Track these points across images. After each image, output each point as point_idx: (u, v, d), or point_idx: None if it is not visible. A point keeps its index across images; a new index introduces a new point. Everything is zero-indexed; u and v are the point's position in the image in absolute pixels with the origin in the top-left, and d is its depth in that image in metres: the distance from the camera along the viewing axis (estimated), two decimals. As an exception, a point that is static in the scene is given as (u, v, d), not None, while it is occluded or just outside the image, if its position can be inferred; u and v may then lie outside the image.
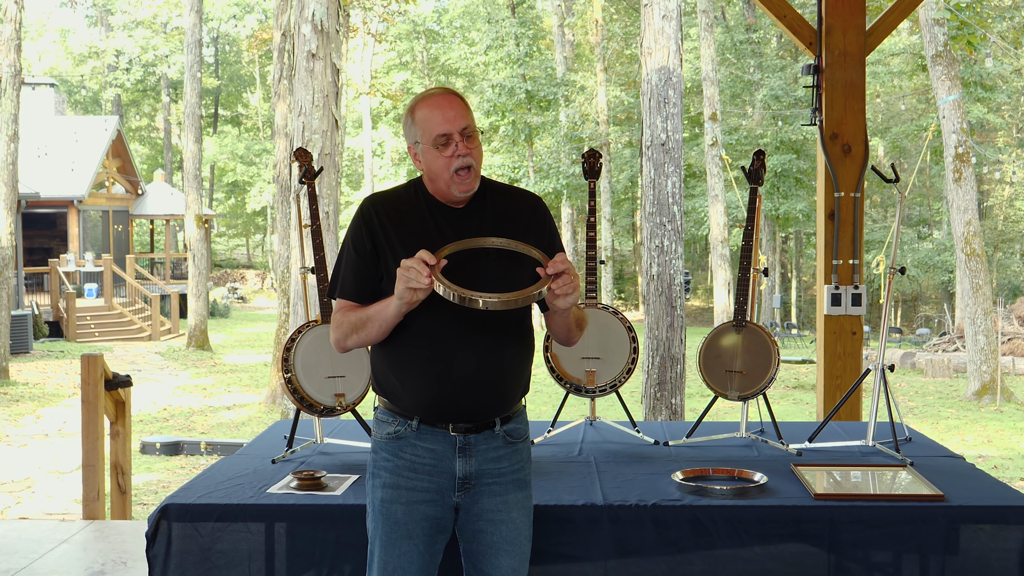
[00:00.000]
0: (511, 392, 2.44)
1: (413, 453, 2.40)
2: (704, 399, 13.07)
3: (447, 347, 2.36)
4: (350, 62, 30.50)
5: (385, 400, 2.46)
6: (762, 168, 3.72)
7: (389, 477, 2.41)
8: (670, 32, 9.06)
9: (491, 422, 2.40)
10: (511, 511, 2.42)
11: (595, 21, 27.22)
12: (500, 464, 2.42)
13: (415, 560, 2.38)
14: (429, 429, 2.39)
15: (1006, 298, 26.56)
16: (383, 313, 2.32)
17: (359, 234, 2.42)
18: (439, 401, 2.38)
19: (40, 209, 25.29)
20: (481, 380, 2.38)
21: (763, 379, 3.63)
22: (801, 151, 27.52)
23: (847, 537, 2.72)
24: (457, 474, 2.38)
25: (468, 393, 2.37)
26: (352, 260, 2.42)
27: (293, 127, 9.39)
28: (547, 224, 2.48)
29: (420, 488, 2.39)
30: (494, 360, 2.38)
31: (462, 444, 2.38)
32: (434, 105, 2.37)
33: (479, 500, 2.40)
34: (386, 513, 2.40)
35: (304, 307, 7.66)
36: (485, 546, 2.41)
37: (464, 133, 2.35)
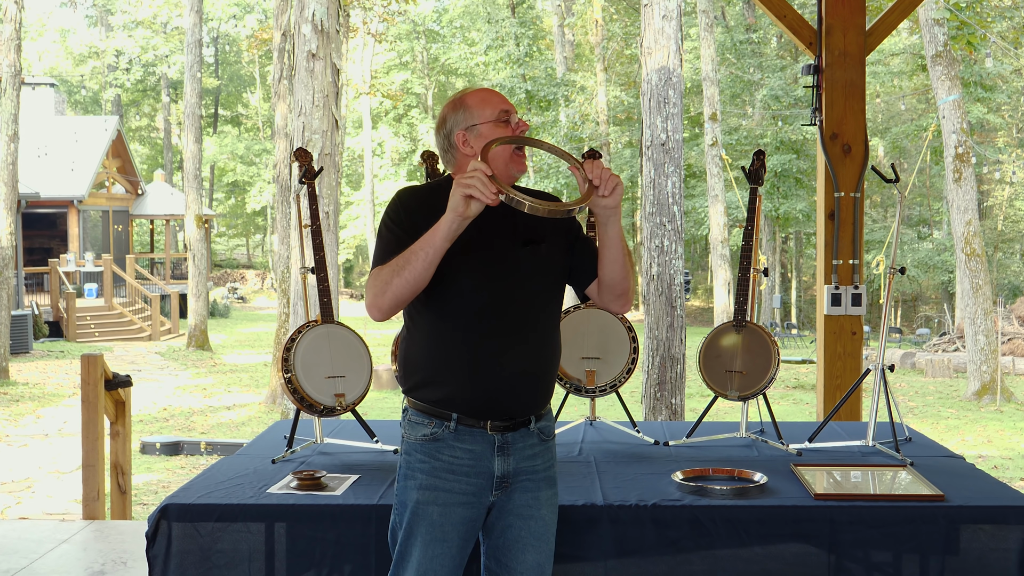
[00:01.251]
0: (550, 388, 2.47)
1: (451, 455, 2.37)
2: (704, 399, 13.07)
3: (498, 343, 2.35)
4: (350, 62, 30.50)
5: (418, 401, 2.41)
6: (762, 168, 3.72)
7: (425, 479, 2.38)
8: (670, 32, 9.05)
9: (527, 420, 2.41)
10: (541, 507, 2.43)
11: (595, 21, 27.22)
12: (535, 462, 2.43)
13: (447, 563, 2.37)
14: (467, 430, 2.37)
15: (1006, 298, 26.56)
16: (431, 239, 2.25)
17: (398, 214, 2.40)
18: (485, 397, 2.36)
19: (40, 209, 25.29)
20: (528, 376, 2.39)
21: (763, 379, 3.63)
22: (801, 151, 27.52)
23: (847, 537, 2.72)
24: (496, 473, 2.38)
25: (515, 389, 2.37)
26: (393, 235, 2.38)
27: (293, 127, 9.39)
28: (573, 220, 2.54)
29: (457, 490, 2.36)
30: (542, 355, 2.41)
31: (501, 443, 2.38)
32: (487, 91, 2.47)
33: (512, 496, 2.41)
34: (422, 515, 2.37)
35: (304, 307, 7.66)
36: (511, 541, 2.41)
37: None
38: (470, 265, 2.35)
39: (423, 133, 37.85)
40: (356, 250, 39.63)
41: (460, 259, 2.31)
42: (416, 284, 2.30)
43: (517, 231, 2.41)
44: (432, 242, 2.25)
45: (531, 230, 2.41)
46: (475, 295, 2.36)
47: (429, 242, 2.25)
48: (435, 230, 2.25)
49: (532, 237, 2.41)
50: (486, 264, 2.35)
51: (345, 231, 36.17)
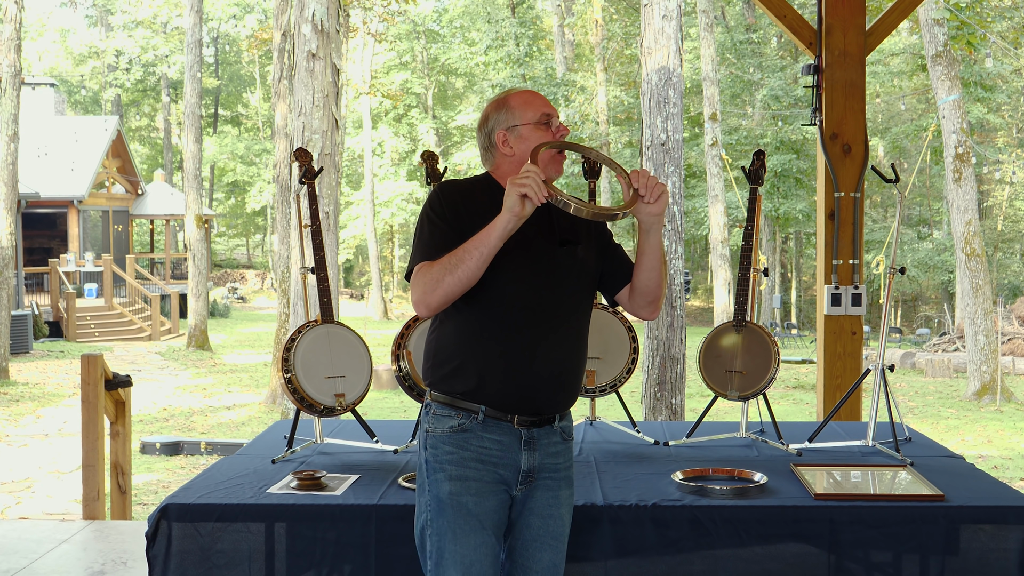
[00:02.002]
0: (578, 389, 2.49)
1: (479, 444, 2.38)
2: (704, 399, 13.07)
3: (532, 339, 2.38)
4: (350, 62, 30.50)
5: (444, 393, 2.41)
6: (762, 168, 3.72)
7: (455, 469, 2.37)
8: (670, 32, 9.05)
9: (552, 417, 2.43)
10: (560, 507, 2.45)
11: (595, 21, 27.22)
12: (557, 460, 2.45)
13: (489, 552, 2.37)
14: (494, 422, 2.38)
15: (1006, 298, 26.56)
16: (485, 238, 2.26)
17: (442, 207, 2.40)
18: (516, 393, 2.37)
19: (40, 209, 25.29)
20: (559, 375, 2.41)
21: (763, 379, 3.63)
22: (801, 151, 27.52)
23: (847, 537, 2.72)
24: (522, 467, 2.39)
25: (545, 387, 2.39)
26: (437, 228, 2.38)
27: (293, 127, 9.39)
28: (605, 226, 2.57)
29: (487, 479, 2.38)
30: (574, 355, 2.45)
31: (527, 437, 2.40)
32: (531, 93, 2.50)
33: (533, 494, 2.42)
34: (456, 505, 2.36)
35: (304, 307, 7.66)
36: (530, 540, 2.42)
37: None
38: (509, 261, 2.36)
39: (423, 133, 37.85)
40: (356, 250, 39.63)
41: (499, 255, 2.31)
42: (469, 282, 2.31)
43: (555, 231, 2.44)
44: (487, 241, 2.26)
45: (568, 231, 2.45)
46: (513, 290, 2.38)
47: (483, 241, 2.27)
48: (490, 229, 2.26)
49: (569, 238, 2.45)
50: (525, 261, 2.38)
51: (345, 231, 36.17)
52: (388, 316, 33.46)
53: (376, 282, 34.24)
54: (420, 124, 37.64)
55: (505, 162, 2.48)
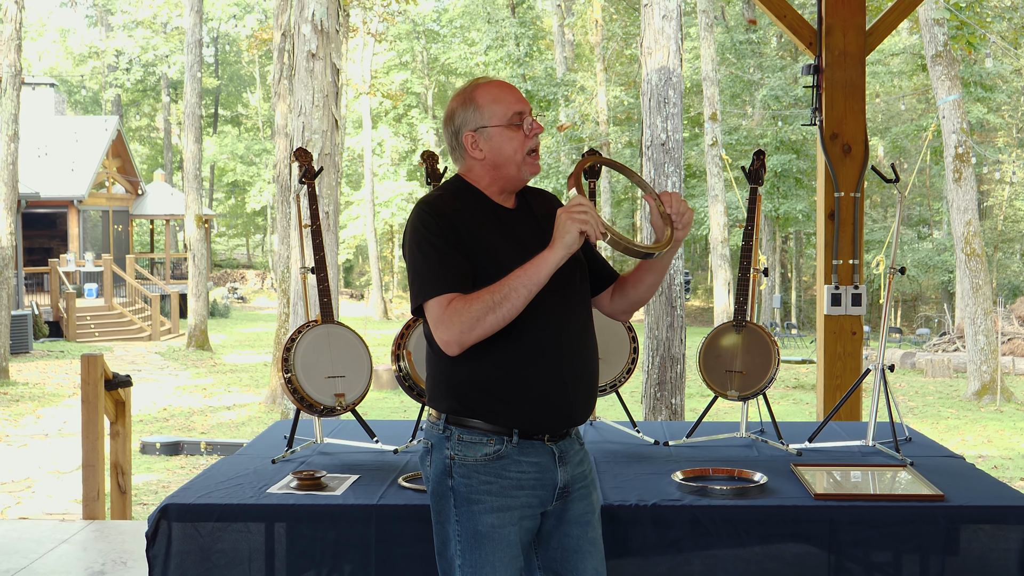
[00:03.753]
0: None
1: (518, 470, 2.25)
2: (704, 399, 13.07)
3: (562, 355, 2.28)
4: (350, 62, 30.50)
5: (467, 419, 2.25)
6: (762, 168, 3.72)
7: (496, 500, 2.23)
8: (670, 32, 9.05)
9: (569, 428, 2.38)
10: (593, 512, 2.39)
11: (595, 21, 27.23)
12: (583, 467, 2.40)
13: None
14: (528, 443, 2.25)
15: (1006, 298, 26.56)
16: (535, 274, 2.13)
17: (443, 231, 2.22)
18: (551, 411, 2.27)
19: (40, 209, 25.29)
20: (587, 386, 2.36)
21: (763, 379, 3.63)
22: (801, 151, 27.53)
23: (847, 537, 2.72)
24: (558, 484, 2.32)
25: (578, 401, 2.33)
26: (444, 256, 2.20)
27: (293, 127, 9.39)
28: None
29: (528, 504, 2.27)
30: (594, 364, 2.40)
31: (559, 453, 2.32)
32: (500, 87, 2.31)
33: (569, 506, 2.35)
34: (498, 538, 2.22)
35: (304, 307, 7.66)
36: (570, 550, 2.34)
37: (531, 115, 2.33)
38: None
39: (423, 133, 37.86)
40: (356, 250, 39.63)
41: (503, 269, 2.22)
42: (511, 319, 2.17)
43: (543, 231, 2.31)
44: (537, 278, 2.13)
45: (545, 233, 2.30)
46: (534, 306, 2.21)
47: (533, 278, 2.13)
48: (539, 265, 2.13)
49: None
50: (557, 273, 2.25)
51: (345, 231, 36.17)
52: (388, 316, 33.46)
53: (376, 282, 34.24)
54: (420, 124, 37.64)
55: (477, 165, 2.31)
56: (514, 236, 2.29)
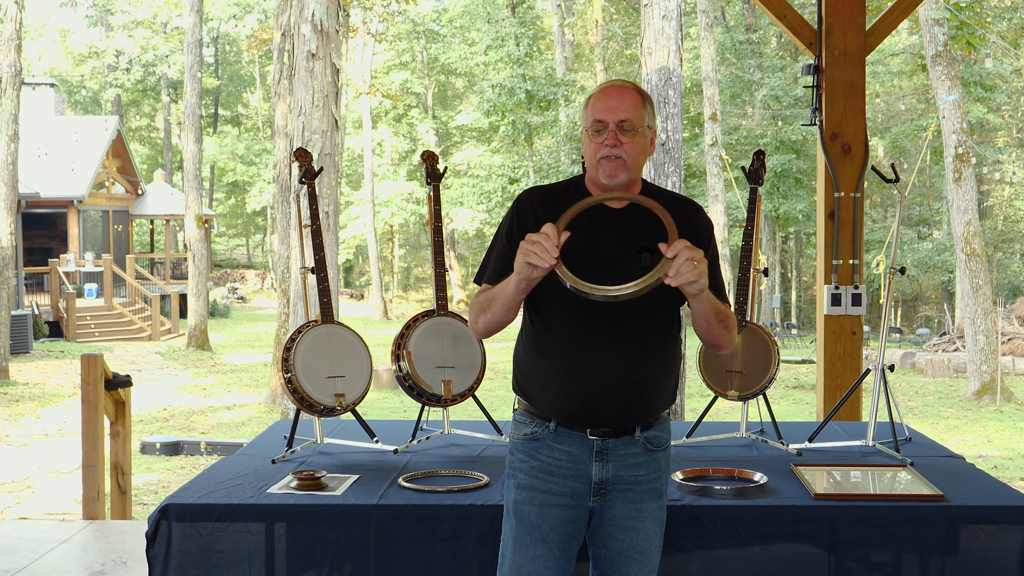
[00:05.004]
0: (655, 401, 2.39)
1: (549, 455, 2.36)
2: (704, 399, 13.07)
3: (593, 354, 2.32)
4: (350, 62, 30.50)
5: (524, 401, 2.43)
6: (762, 168, 3.72)
7: (524, 478, 2.38)
8: (670, 32, 9.05)
9: (631, 428, 2.37)
10: (644, 520, 2.37)
11: (595, 21, 27.24)
12: (638, 472, 2.37)
13: (550, 564, 2.35)
14: (566, 432, 2.36)
15: (1006, 298, 26.57)
16: (504, 291, 2.28)
17: (511, 223, 2.40)
18: (580, 407, 2.35)
19: (40, 209, 25.29)
20: (626, 388, 2.34)
21: (763, 379, 3.63)
22: (801, 151, 27.53)
23: (847, 537, 2.72)
24: (593, 479, 2.35)
25: (610, 401, 2.34)
26: (500, 248, 2.41)
27: (293, 127, 9.39)
28: (702, 233, 2.40)
29: (555, 491, 2.35)
30: (641, 369, 2.34)
31: (600, 448, 2.35)
32: (603, 94, 2.38)
33: (613, 505, 2.36)
34: (519, 514, 2.37)
35: (304, 307, 7.66)
36: (615, 553, 2.37)
37: (621, 126, 2.33)
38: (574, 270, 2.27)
39: (423, 133, 37.86)
40: (356, 250, 39.63)
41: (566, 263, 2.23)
42: (500, 323, 2.35)
43: (637, 235, 2.33)
44: (504, 295, 2.29)
45: (652, 236, 2.31)
46: (570, 304, 2.30)
47: (502, 293, 2.29)
48: (506, 284, 2.27)
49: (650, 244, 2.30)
50: (590, 270, 2.23)
51: (345, 231, 36.18)
52: (388, 316, 33.46)
53: (376, 282, 34.24)
54: (420, 124, 37.65)
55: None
56: (596, 236, 2.33)
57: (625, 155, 2.33)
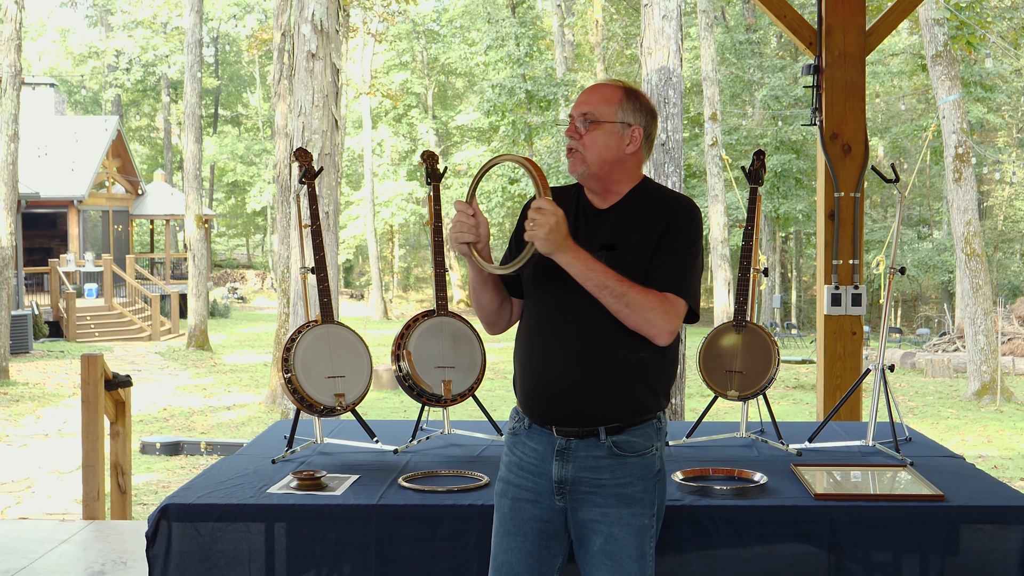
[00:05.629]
0: (613, 403, 2.32)
1: (522, 451, 2.41)
2: (704, 399, 13.07)
3: (544, 351, 2.36)
4: (350, 62, 30.50)
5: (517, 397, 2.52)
6: (762, 168, 3.71)
7: (503, 472, 2.46)
8: (670, 32, 9.05)
9: (595, 429, 2.33)
10: (612, 525, 2.32)
11: (595, 21, 27.24)
12: (600, 475, 2.33)
13: (523, 558, 2.37)
14: (538, 429, 2.39)
15: (1006, 298, 26.57)
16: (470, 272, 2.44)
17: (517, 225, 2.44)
18: (535, 403, 2.38)
19: (40, 209, 25.29)
20: (571, 387, 2.32)
21: (763, 379, 3.62)
22: (801, 151, 27.53)
23: (847, 537, 2.72)
24: (553, 477, 2.35)
25: (558, 399, 2.34)
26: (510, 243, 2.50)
27: (293, 127, 9.39)
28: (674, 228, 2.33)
29: (526, 487, 2.39)
30: (587, 368, 2.32)
31: (561, 448, 2.34)
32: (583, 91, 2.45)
33: (580, 507, 2.35)
34: (497, 506, 2.46)
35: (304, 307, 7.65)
36: (589, 556, 2.36)
37: (583, 118, 2.36)
38: (538, 269, 2.34)
39: (423, 133, 37.86)
40: (356, 250, 39.65)
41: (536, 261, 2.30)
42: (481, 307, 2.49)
43: (600, 234, 2.35)
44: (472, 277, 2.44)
45: (615, 234, 2.34)
46: (537, 299, 2.38)
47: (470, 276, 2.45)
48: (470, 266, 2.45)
49: (611, 242, 2.33)
50: (552, 268, 2.29)
51: (345, 231, 36.19)
52: (388, 316, 33.46)
53: (376, 282, 34.24)
54: (420, 124, 37.65)
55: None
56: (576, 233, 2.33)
57: (582, 148, 2.35)
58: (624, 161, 2.37)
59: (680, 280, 2.31)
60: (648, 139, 2.43)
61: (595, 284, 2.23)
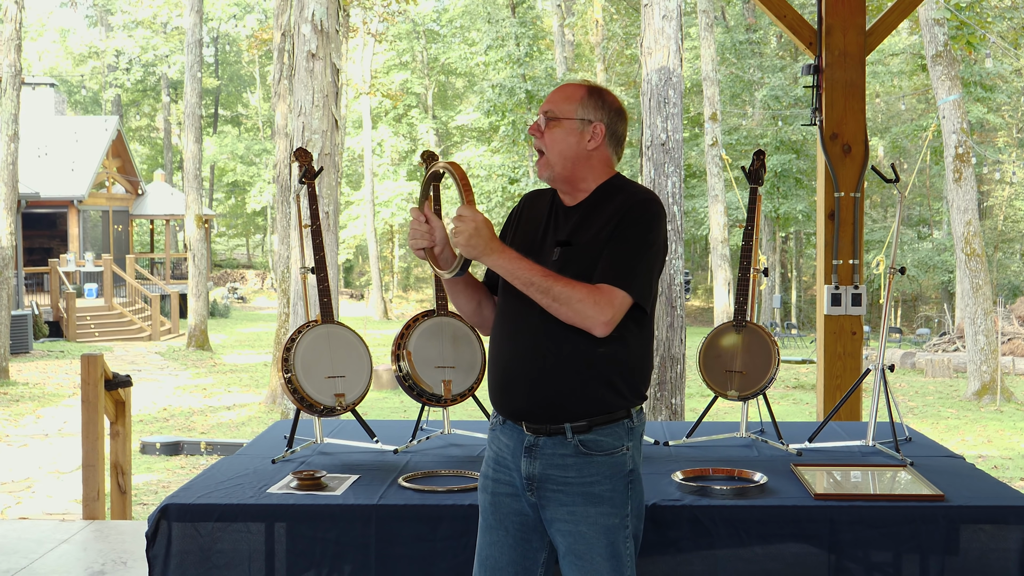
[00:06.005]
0: (571, 400, 2.31)
1: (497, 446, 2.44)
2: (704, 399, 13.07)
3: (501, 347, 2.40)
4: (350, 62, 30.50)
5: None
6: (762, 168, 3.72)
7: (484, 466, 2.49)
8: (670, 32, 9.05)
9: (561, 428, 2.32)
10: (579, 523, 2.32)
11: (595, 21, 27.24)
12: (567, 473, 2.32)
13: (506, 552, 2.40)
14: (511, 425, 2.40)
15: (1006, 298, 26.57)
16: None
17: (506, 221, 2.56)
18: (498, 398, 2.42)
19: (40, 209, 25.29)
20: (523, 383, 2.34)
21: (763, 379, 3.63)
22: (801, 151, 27.53)
23: (847, 537, 2.72)
24: (523, 473, 2.37)
25: (513, 395, 2.36)
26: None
27: (293, 127, 9.39)
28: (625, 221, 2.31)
29: (503, 480, 2.41)
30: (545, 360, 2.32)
31: (530, 444, 2.35)
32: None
33: (549, 505, 2.35)
34: (480, 501, 2.48)
35: (304, 307, 7.66)
36: (561, 553, 2.37)
37: (546, 116, 2.40)
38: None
39: (423, 133, 37.86)
40: (356, 250, 39.64)
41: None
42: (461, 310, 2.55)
43: (558, 231, 2.39)
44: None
45: (573, 230, 2.36)
46: (503, 297, 2.43)
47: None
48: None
49: (567, 238, 2.35)
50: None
51: (345, 231, 36.18)
52: (388, 316, 33.46)
53: (376, 282, 34.24)
54: (420, 124, 37.65)
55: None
56: (545, 231, 2.41)
57: (544, 147, 2.39)
58: (588, 158, 2.38)
59: (623, 271, 2.28)
60: (614, 136, 2.41)
61: (522, 282, 2.26)
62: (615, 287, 2.26)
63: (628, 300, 2.27)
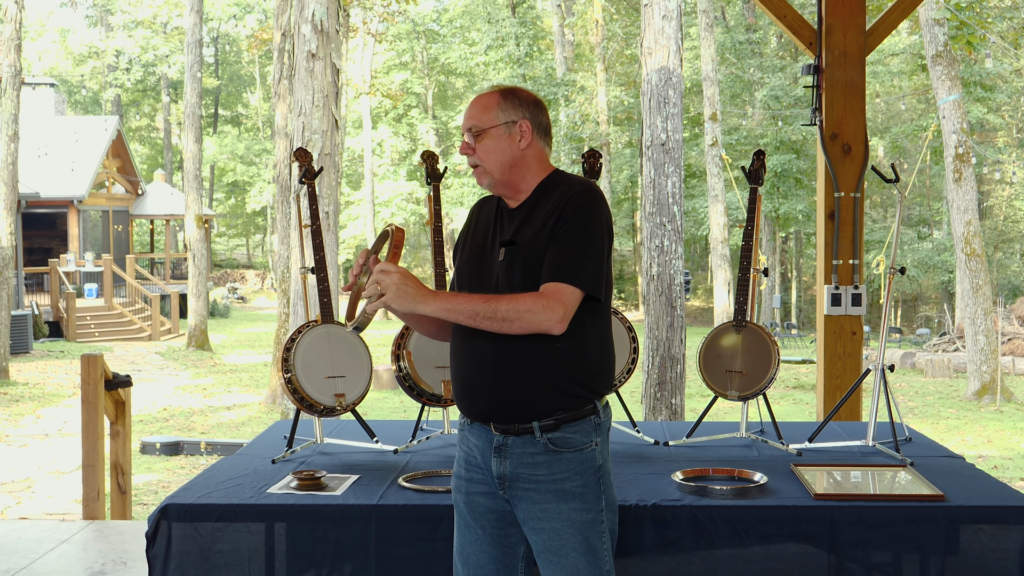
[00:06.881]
0: (529, 395, 2.31)
1: (467, 447, 2.45)
2: (704, 399, 13.07)
3: (460, 349, 2.41)
4: (350, 62, 30.50)
5: None
6: (762, 168, 3.72)
7: (455, 467, 2.50)
8: (670, 32, 9.05)
9: (529, 427, 2.33)
10: (552, 521, 2.33)
11: (595, 21, 27.23)
12: (537, 471, 2.33)
13: (486, 550, 2.42)
14: (479, 425, 2.40)
15: (1006, 298, 26.56)
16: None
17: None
18: (460, 401, 2.44)
19: (40, 209, 25.29)
20: (480, 384, 2.36)
21: (763, 379, 3.63)
22: (801, 151, 27.52)
23: (847, 537, 2.72)
24: (494, 473, 2.38)
25: (473, 396, 2.38)
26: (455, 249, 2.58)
27: (293, 127, 9.39)
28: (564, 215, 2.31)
29: (476, 480, 2.42)
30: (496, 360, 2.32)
31: (499, 444, 2.36)
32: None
33: (521, 504, 2.36)
34: (455, 501, 2.49)
35: (304, 307, 7.66)
36: (536, 552, 2.38)
37: (471, 132, 2.41)
38: (460, 272, 2.46)
39: (423, 133, 37.86)
40: (356, 250, 39.62)
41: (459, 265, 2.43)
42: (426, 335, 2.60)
43: (503, 233, 2.41)
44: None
45: (516, 230, 2.38)
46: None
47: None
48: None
49: (512, 238, 2.37)
50: (465, 265, 2.45)
51: (345, 231, 36.18)
52: (388, 316, 33.44)
53: (376, 282, 34.15)
54: (420, 124, 37.64)
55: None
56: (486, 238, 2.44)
57: (479, 161, 2.40)
58: (524, 158, 2.40)
59: (567, 266, 2.28)
60: (540, 127, 2.42)
61: (467, 316, 2.26)
62: (561, 283, 2.27)
63: (577, 293, 2.28)
